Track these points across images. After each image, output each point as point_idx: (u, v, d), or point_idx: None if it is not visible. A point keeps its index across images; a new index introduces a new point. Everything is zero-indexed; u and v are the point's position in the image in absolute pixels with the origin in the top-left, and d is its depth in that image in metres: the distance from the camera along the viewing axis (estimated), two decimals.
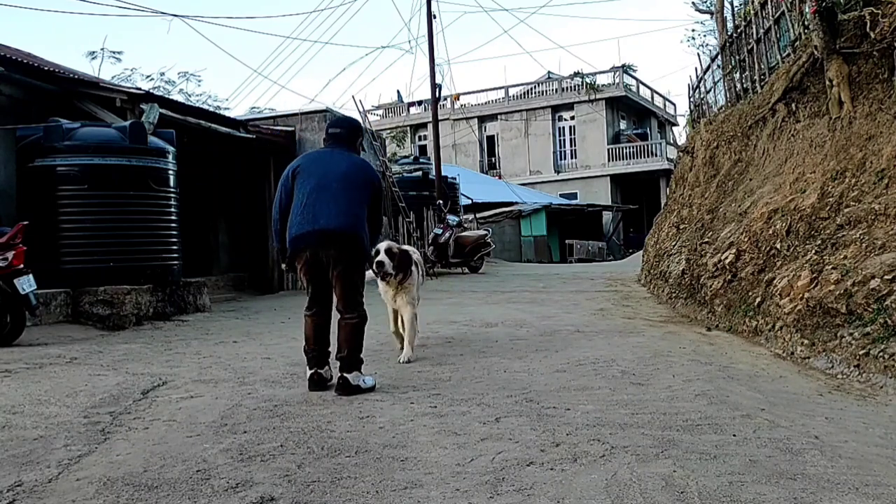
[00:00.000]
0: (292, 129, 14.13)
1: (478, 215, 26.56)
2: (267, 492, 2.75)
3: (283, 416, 3.90)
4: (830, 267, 5.90)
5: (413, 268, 5.75)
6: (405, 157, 25.76)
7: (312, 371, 4.63)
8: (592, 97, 35.19)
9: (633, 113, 38.91)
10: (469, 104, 38.44)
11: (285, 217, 4.64)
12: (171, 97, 20.46)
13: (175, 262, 9.17)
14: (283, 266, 4.84)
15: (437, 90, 21.42)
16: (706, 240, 9.37)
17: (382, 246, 5.51)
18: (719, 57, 14.17)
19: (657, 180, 34.63)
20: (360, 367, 4.57)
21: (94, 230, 8.44)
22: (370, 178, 4.78)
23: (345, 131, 4.90)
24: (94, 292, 8.07)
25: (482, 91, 39.08)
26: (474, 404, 4.07)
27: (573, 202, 34.00)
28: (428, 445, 3.29)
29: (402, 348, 5.79)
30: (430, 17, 20.72)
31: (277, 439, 3.45)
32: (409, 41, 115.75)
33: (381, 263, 5.40)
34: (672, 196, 15.30)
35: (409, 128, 39.32)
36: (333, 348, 4.68)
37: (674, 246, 11.04)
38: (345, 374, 4.45)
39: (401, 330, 5.90)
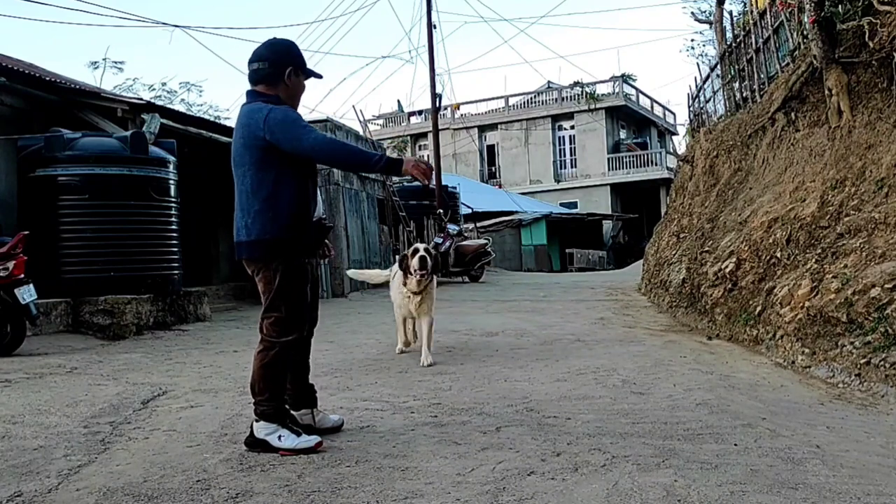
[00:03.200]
0: None
1: (478, 224, 26.62)
2: (267, 502, 2.74)
3: None
4: (831, 276, 5.90)
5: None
6: None
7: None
8: (592, 106, 35.35)
9: (632, 122, 39.03)
10: (469, 114, 38.57)
11: None
12: (172, 107, 20.50)
13: (175, 272, 9.17)
14: None
15: (438, 100, 21.51)
16: (706, 249, 9.37)
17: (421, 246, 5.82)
18: (718, 66, 14.21)
19: (657, 189, 34.69)
20: (274, 418, 3.40)
21: (95, 240, 8.45)
22: (246, 125, 3.37)
23: (251, 71, 3.51)
24: (95, 302, 8.07)
25: (482, 101, 39.26)
26: (475, 413, 4.07)
27: (573, 211, 34.07)
28: (428, 455, 3.28)
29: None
30: (431, 27, 20.86)
31: None
32: (410, 51, 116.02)
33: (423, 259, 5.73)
34: (672, 205, 15.33)
35: (409, 137, 39.46)
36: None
37: (674, 255, 11.04)
38: (253, 422, 3.48)
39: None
